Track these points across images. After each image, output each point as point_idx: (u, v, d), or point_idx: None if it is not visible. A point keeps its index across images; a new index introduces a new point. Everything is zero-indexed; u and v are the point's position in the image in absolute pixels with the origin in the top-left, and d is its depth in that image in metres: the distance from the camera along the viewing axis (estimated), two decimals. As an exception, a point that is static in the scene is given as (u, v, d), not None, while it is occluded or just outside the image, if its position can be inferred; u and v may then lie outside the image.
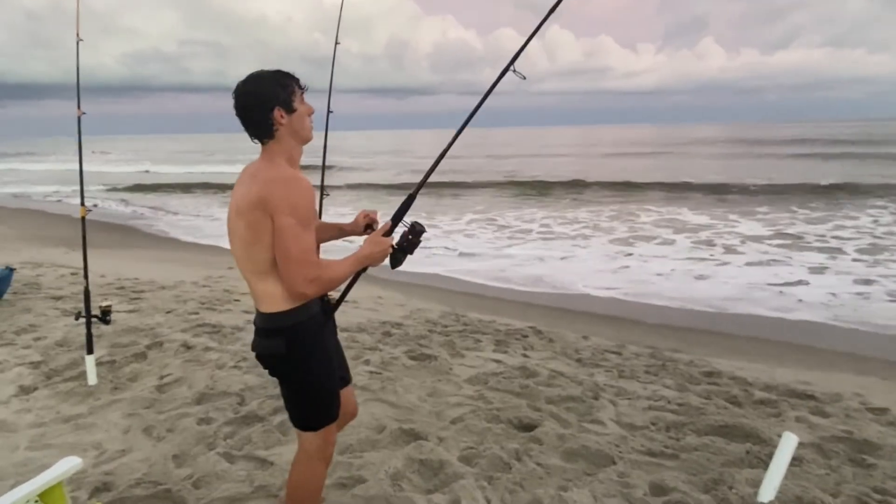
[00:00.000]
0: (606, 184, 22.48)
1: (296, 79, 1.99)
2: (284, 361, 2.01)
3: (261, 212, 1.83)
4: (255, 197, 1.84)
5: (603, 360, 4.94)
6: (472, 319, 6.21)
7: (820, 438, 3.43)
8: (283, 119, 1.93)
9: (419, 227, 2.21)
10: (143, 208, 19.18)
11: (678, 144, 43.12)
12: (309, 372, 2.04)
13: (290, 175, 1.89)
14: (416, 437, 3.28)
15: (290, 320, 1.97)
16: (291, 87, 1.96)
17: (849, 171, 23.70)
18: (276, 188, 1.84)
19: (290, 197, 1.84)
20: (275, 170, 1.91)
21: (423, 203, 17.71)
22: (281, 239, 1.83)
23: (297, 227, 1.83)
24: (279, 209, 1.82)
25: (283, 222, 1.82)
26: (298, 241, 1.83)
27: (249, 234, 1.87)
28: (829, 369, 5.03)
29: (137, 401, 3.72)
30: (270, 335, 1.99)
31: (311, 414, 2.11)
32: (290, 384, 2.08)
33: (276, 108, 1.92)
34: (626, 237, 12.38)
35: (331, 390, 2.13)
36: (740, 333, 6.38)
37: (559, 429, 3.42)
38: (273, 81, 1.94)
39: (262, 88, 1.92)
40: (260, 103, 1.91)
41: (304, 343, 2.00)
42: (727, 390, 4.17)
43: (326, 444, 2.17)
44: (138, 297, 6.49)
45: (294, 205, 1.83)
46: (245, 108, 1.93)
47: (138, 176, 33.83)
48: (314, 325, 2.04)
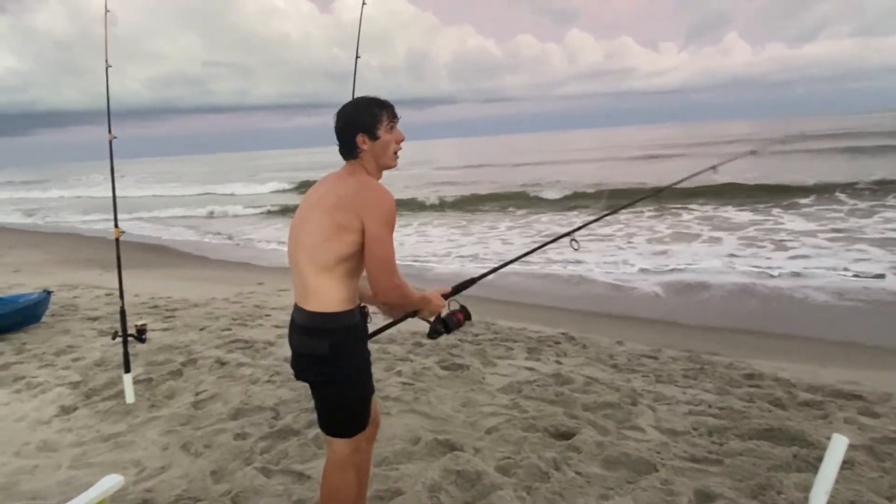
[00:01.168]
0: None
1: (388, 107, 2.09)
2: (324, 363, 2.02)
3: (352, 212, 1.92)
4: (349, 197, 1.95)
5: (639, 364, 4.84)
6: (502, 327, 6.16)
7: (871, 440, 3.30)
8: (366, 145, 2.05)
9: (468, 314, 2.30)
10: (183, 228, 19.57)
11: (709, 144, 42.35)
12: (348, 377, 2.05)
13: (380, 185, 2.01)
14: (452, 448, 3.24)
15: (337, 322, 2.00)
16: (379, 115, 2.06)
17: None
18: (372, 195, 1.95)
19: (385, 207, 1.94)
20: (366, 178, 2.04)
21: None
22: (375, 245, 1.91)
23: (388, 236, 1.93)
24: (373, 217, 1.92)
25: (379, 230, 1.91)
26: (389, 248, 1.93)
27: (332, 229, 1.94)
28: (876, 367, 4.85)
29: (174, 418, 3.76)
30: (314, 334, 2.01)
31: (345, 420, 2.11)
32: (326, 388, 2.08)
33: (360, 134, 2.04)
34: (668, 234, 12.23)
35: (365, 398, 2.14)
36: (780, 332, 6.22)
37: (597, 436, 3.35)
38: (363, 108, 2.07)
39: (352, 113, 2.07)
40: (348, 127, 2.06)
41: (347, 347, 2.02)
42: (770, 392, 4.05)
43: (357, 452, 2.18)
44: (172, 316, 6.59)
45: (388, 214, 1.94)
46: (337, 130, 2.08)
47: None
48: (359, 331, 2.08)
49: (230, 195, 30.75)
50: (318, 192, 2.09)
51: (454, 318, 2.27)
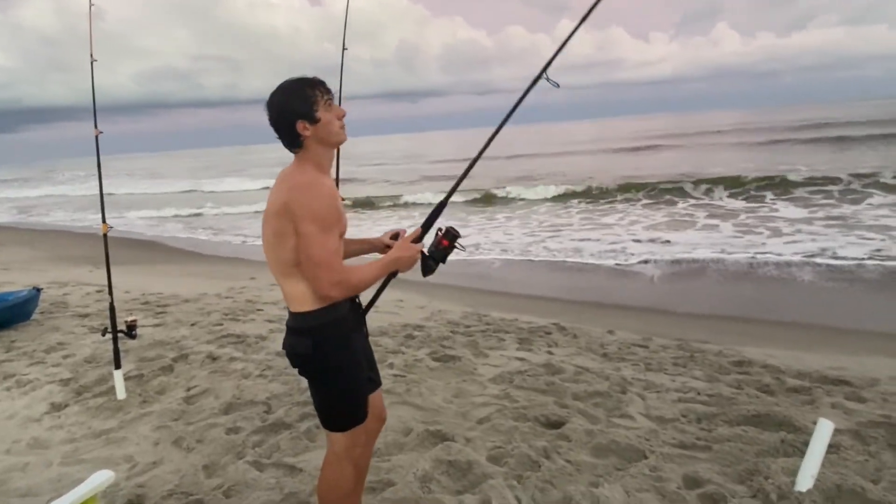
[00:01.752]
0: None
1: (320, 84, 1.99)
2: (311, 361, 2.03)
3: (285, 218, 1.88)
4: (279, 203, 1.89)
5: (629, 353, 4.88)
6: (494, 318, 6.18)
7: (857, 424, 3.34)
8: (307, 130, 1.95)
9: (453, 231, 2.19)
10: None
11: (700, 134, 42.35)
12: (336, 373, 2.04)
13: (311, 181, 1.91)
14: (444, 439, 3.26)
15: (317, 320, 1.99)
16: (314, 97, 1.95)
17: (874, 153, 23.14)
18: (298, 195, 1.88)
19: (311, 203, 1.86)
20: (299, 176, 1.94)
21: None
22: (304, 245, 1.86)
23: (318, 232, 1.86)
24: (300, 216, 1.85)
25: (305, 229, 1.85)
26: (321, 245, 1.86)
27: (274, 238, 1.93)
28: (863, 353, 4.90)
29: (166, 413, 3.76)
30: (299, 334, 2.02)
31: (338, 415, 2.11)
32: (318, 385, 2.09)
33: (299, 121, 1.94)
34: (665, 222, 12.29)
35: (357, 392, 2.12)
36: (770, 318, 6.28)
37: (587, 425, 3.38)
38: (294, 94, 1.95)
39: (285, 102, 1.95)
40: (284, 117, 1.95)
41: (331, 344, 2.02)
42: (758, 379, 4.09)
43: (354, 446, 2.16)
44: (163, 312, 6.57)
45: (315, 210, 1.86)
46: (273, 122, 1.98)
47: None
48: (342, 326, 2.05)
49: (216, 192, 30.34)
50: (269, 198, 2.00)
51: (439, 247, 2.19)
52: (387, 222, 16.61)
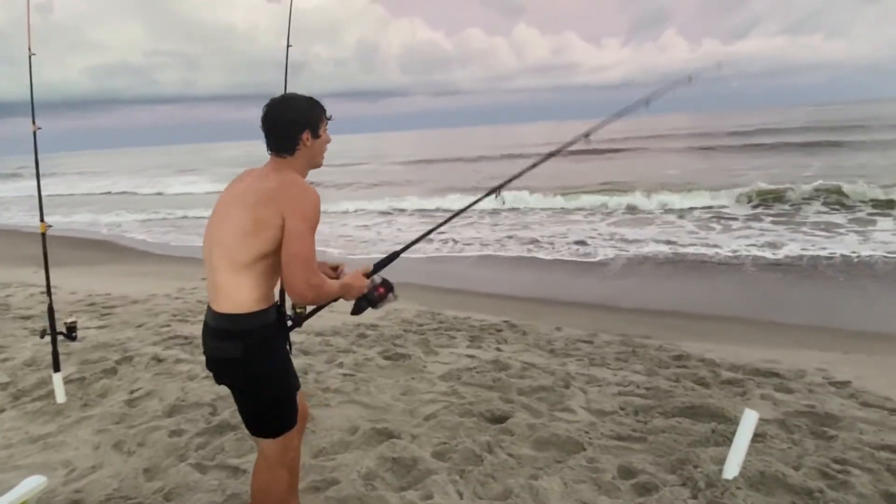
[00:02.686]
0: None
1: (324, 108, 2.10)
2: (239, 366, 1.99)
3: (273, 208, 1.89)
4: (271, 193, 1.91)
5: (575, 349, 5.00)
6: (447, 317, 6.24)
7: (784, 414, 3.53)
8: (308, 142, 2.04)
9: (390, 287, 2.28)
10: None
11: (656, 138, 43.22)
12: (265, 378, 2.03)
13: (304, 182, 2.00)
14: (390, 436, 3.30)
15: (250, 324, 1.96)
16: (321, 115, 2.09)
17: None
18: (294, 190, 1.93)
19: (306, 202, 1.92)
20: (291, 175, 2.00)
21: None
22: (292, 240, 1.88)
23: (308, 232, 1.90)
24: (293, 212, 1.89)
25: (298, 225, 1.88)
26: (308, 244, 1.90)
27: (252, 225, 1.90)
28: (794, 346, 5.15)
29: (107, 416, 3.69)
30: (227, 337, 1.97)
31: (271, 421, 2.10)
32: (246, 391, 2.06)
33: (306, 131, 2.03)
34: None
35: (287, 396, 2.12)
36: (711, 314, 6.52)
37: (530, 419, 3.47)
38: (311, 105, 2.07)
39: (300, 109, 2.04)
40: (293, 122, 2.02)
41: (262, 348, 2.00)
42: (695, 372, 4.26)
43: (287, 450, 2.16)
44: (109, 313, 6.41)
45: (307, 211, 1.91)
46: (277, 123, 2.03)
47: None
48: (273, 330, 2.04)
49: (158, 195, 28.73)
50: (237, 187, 2.04)
51: (376, 292, 2.26)
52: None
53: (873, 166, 18.92)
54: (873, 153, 23.48)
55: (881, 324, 5.94)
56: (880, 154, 22.95)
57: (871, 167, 18.70)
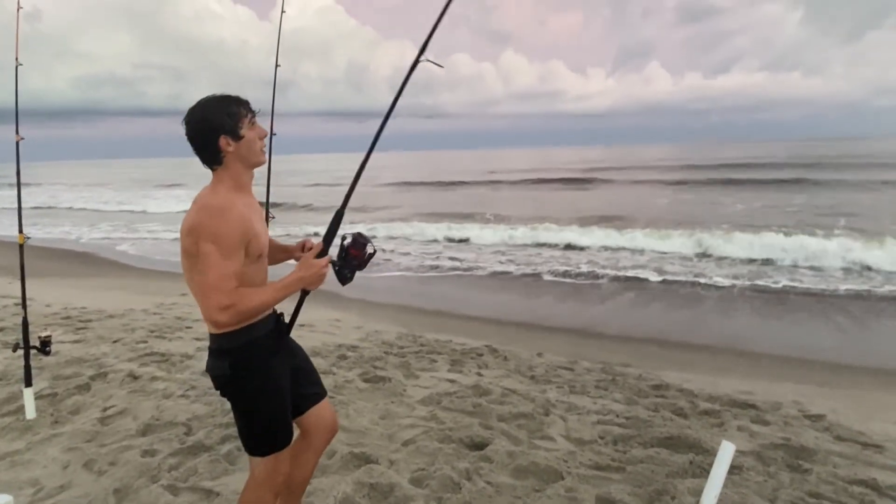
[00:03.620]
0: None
1: (245, 103, 1.98)
2: (228, 383, 2.00)
3: (192, 238, 1.85)
4: (188, 224, 1.87)
5: (555, 376, 5.01)
6: (428, 340, 6.22)
7: (760, 446, 3.55)
8: (230, 147, 1.93)
9: (362, 239, 2.12)
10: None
11: (636, 169, 43.67)
12: (253, 396, 2.02)
13: (220, 203, 1.89)
14: (367, 461, 3.26)
15: (234, 342, 1.96)
16: (239, 113, 1.94)
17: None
18: (203, 215, 1.85)
19: (214, 225, 1.84)
20: (209, 197, 1.92)
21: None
22: (199, 266, 1.83)
23: (216, 254, 1.82)
24: (202, 236, 1.83)
25: (203, 249, 1.82)
26: (215, 268, 1.82)
27: (185, 259, 1.89)
28: (771, 378, 5.21)
29: (78, 434, 3.60)
30: (217, 356, 1.99)
31: (257, 439, 2.08)
32: (237, 407, 2.06)
33: (222, 137, 1.91)
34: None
35: (276, 416, 2.08)
36: (691, 342, 6.59)
37: (510, 446, 3.45)
38: (219, 109, 1.92)
39: (208, 117, 1.91)
40: (206, 132, 1.91)
41: (248, 366, 1.99)
42: (674, 402, 4.28)
43: (275, 473, 2.11)
44: (84, 327, 6.29)
45: (216, 233, 1.83)
46: (192, 137, 1.93)
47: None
48: (260, 347, 2.02)
49: (142, 213, 27.06)
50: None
51: (349, 258, 2.12)
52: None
53: (852, 205, 19.34)
54: (852, 192, 24.08)
55: (856, 357, 6.04)
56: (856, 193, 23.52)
57: (849, 206, 19.11)
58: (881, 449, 3.61)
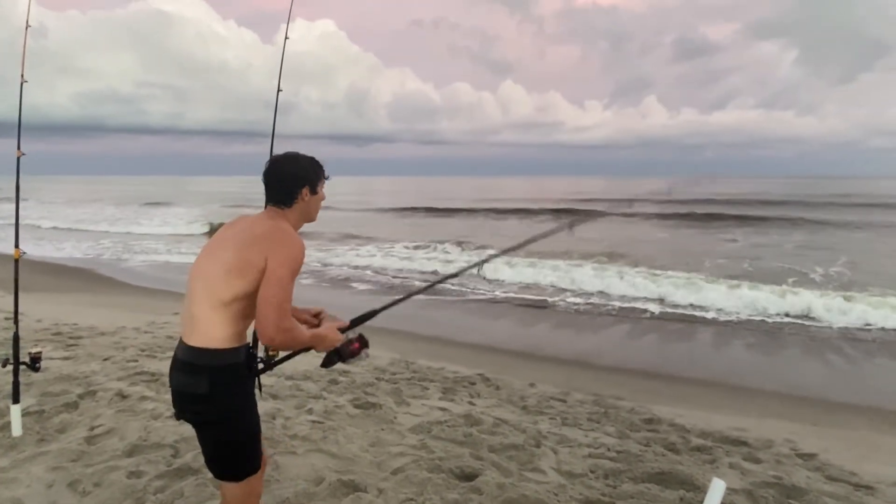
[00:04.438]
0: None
1: (324, 168, 2.24)
2: (203, 402, 1.98)
3: (258, 252, 1.95)
4: (259, 236, 1.99)
5: (548, 407, 4.98)
6: (421, 366, 6.19)
7: (751, 484, 3.53)
8: (307, 197, 2.16)
9: (365, 343, 2.28)
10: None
11: (637, 201, 43.53)
12: (228, 417, 2.01)
13: (295, 234, 2.08)
14: (355, 489, 3.23)
15: (219, 360, 1.96)
16: (322, 174, 2.23)
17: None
18: (284, 238, 2.00)
19: (292, 251, 1.98)
20: (284, 223, 2.09)
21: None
22: (271, 284, 1.92)
23: (288, 279, 1.95)
24: (279, 257, 1.94)
25: (280, 271, 1.93)
26: (285, 290, 1.93)
27: (237, 264, 1.95)
28: (763, 415, 5.19)
29: (64, 453, 3.55)
30: (195, 371, 1.97)
31: (231, 462, 2.07)
32: (207, 429, 2.04)
33: (306, 187, 2.15)
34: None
35: (254, 438, 2.10)
36: (682, 376, 6.57)
37: (500, 478, 3.42)
38: (313, 164, 2.20)
39: (303, 166, 2.17)
40: (296, 177, 2.14)
41: (227, 385, 1.99)
42: (665, 437, 4.26)
43: (250, 496, 2.12)
44: (75, 344, 6.25)
45: (293, 259, 1.97)
46: (279, 177, 2.14)
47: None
48: (241, 370, 2.04)
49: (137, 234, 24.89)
50: (231, 229, 2.12)
51: (350, 347, 2.26)
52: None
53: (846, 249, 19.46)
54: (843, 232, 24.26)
55: (849, 396, 6.03)
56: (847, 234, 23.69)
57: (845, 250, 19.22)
58: (873, 490, 3.59)
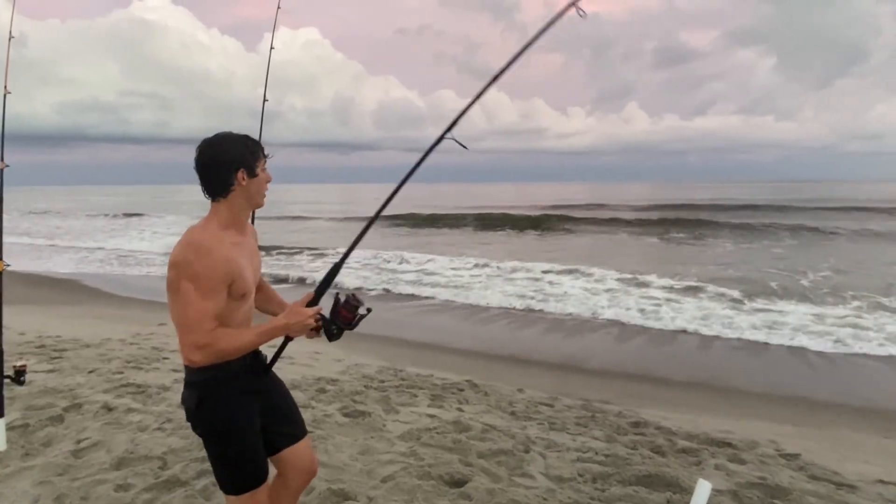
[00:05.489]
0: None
1: (261, 146, 2.06)
2: (195, 415, 2.00)
3: (174, 272, 1.88)
4: (172, 258, 1.91)
5: (536, 412, 5.01)
6: (409, 374, 6.20)
7: (736, 485, 3.58)
8: (244, 182, 1.98)
9: (355, 301, 2.08)
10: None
11: (604, 208, 43.49)
12: (220, 433, 2.00)
13: (206, 242, 1.91)
14: (346, 498, 3.23)
15: (203, 375, 1.96)
16: (257, 153, 2.02)
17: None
18: (188, 253, 1.87)
19: (197, 264, 1.85)
20: (196, 233, 1.94)
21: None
22: (179, 303, 1.85)
23: (195, 293, 1.84)
24: (183, 273, 1.85)
25: (183, 287, 1.84)
26: (194, 307, 1.83)
27: (168, 292, 1.91)
28: (748, 417, 5.27)
29: (50, 467, 3.52)
30: (187, 387, 2.01)
31: (227, 476, 2.05)
32: (206, 443, 2.05)
33: (241, 170, 1.97)
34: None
35: (245, 453, 2.05)
36: (668, 379, 6.65)
37: (489, 483, 3.44)
38: (242, 144, 1.99)
39: (231, 148, 1.97)
40: (224, 163, 1.95)
41: (215, 401, 1.98)
42: (652, 440, 4.31)
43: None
44: (59, 357, 6.18)
45: (197, 272, 1.84)
46: (208, 165, 1.96)
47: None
48: (230, 384, 2.00)
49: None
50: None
51: (339, 317, 2.07)
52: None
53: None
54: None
55: (831, 396, 6.13)
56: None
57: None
58: (854, 489, 3.66)
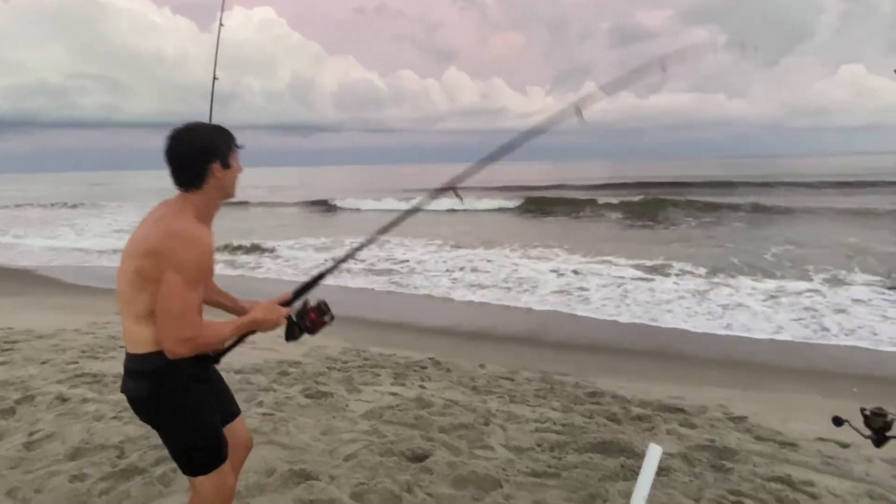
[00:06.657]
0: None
1: (234, 136, 2.04)
2: (147, 405, 1.99)
3: (153, 261, 1.84)
4: (151, 245, 1.86)
5: (496, 386, 5.11)
6: (372, 354, 6.23)
7: (686, 448, 3.74)
8: (219, 173, 1.96)
9: (325, 307, 2.14)
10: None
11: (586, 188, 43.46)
12: (174, 418, 2.00)
13: (190, 231, 1.88)
14: (307, 478, 3.26)
15: (156, 363, 1.93)
16: (231, 143, 2.01)
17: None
18: (173, 242, 1.84)
19: (184, 254, 1.83)
20: (179, 222, 1.89)
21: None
22: (164, 294, 1.82)
23: (182, 284, 1.82)
24: (170, 263, 1.82)
25: (170, 278, 1.81)
26: (180, 299, 1.82)
27: (137, 279, 1.87)
28: (698, 383, 5.48)
29: (2, 461, 3.44)
30: (136, 377, 1.97)
31: (196, 458, 2.05)
32: (164, 430, 2.04)
33: (216, 162, 1.95)
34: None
35: (209, 432, 2.06)
36: (625, 348, 6.87)
37: (450, 457, 3.51)
38: (216, 135, 1.99)
39: (205, 139, 1.96)
40: (199, 154, 1.93)
41: (169, 387, 1.97)
42: (608, 408, 4.45)
43: (222, 487, 2.08)
44: (10, 349, 5.99)
45: (184, 262, 1.83)
46: (180, 155, 1.93)
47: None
48: (182, 370, 1.98)
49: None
50: (134, 236, 1.96)
51: (306, 318, 2.13)
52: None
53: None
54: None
55: (777, 359, 6.44)
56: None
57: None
58: (796, 447, 3.86)
